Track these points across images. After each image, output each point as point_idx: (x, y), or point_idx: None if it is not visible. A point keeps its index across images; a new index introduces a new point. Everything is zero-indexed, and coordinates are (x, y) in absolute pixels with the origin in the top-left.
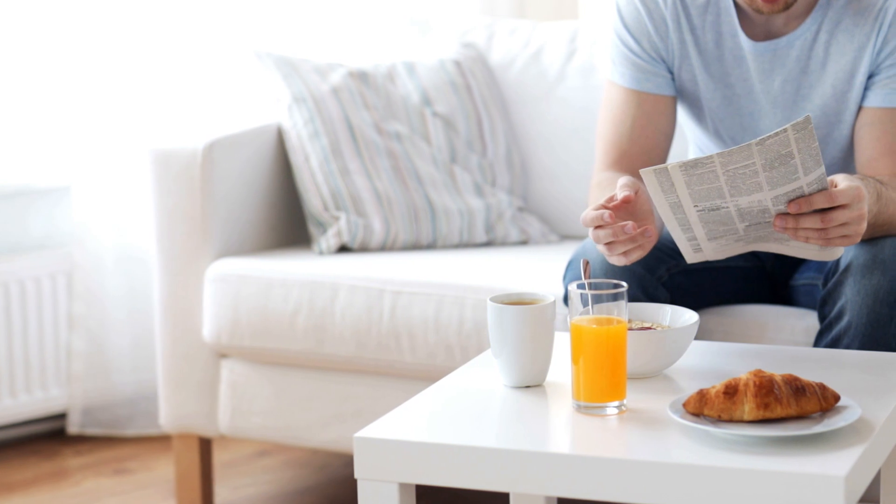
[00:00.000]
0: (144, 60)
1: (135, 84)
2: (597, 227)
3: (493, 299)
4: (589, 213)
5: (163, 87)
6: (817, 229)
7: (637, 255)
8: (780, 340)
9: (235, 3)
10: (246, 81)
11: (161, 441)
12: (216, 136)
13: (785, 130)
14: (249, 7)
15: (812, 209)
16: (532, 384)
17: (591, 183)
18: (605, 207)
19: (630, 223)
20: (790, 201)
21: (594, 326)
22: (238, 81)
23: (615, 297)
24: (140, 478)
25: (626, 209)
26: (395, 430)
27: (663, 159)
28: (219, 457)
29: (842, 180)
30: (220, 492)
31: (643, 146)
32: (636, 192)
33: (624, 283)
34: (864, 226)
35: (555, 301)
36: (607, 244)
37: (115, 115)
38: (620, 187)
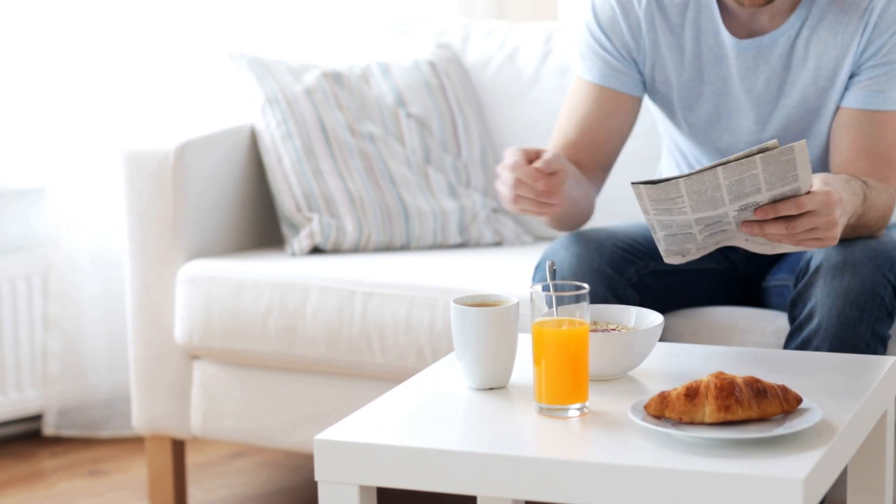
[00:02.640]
0: (119, 62)
1: (109, 85)
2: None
3: (457, 301)
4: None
5: (138, 89)
6: (784, 234)
7: (527, 207)
8: (750, 342)
9: (210, 3)
10: (220, 82)
11: (136, 442)
12: (188, 138)
13: (753, 160)
14: (225, 8)
15: (778, 216)
16: (495, 386)
17: None
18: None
19: (542, 183)
20: (757, 208)
21: (556, 328)
22: (212, 82)
23: (577, 299)
24: (115, 479)
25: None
26: (354, 432)
27: (611, 157)
28: (194, 458)
29: (816, 183)
30: (194, 493)
31: (591, 139)
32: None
33: (585, 285)
34: (838, 231)
35: (518, 303)
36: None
37: (90, 117)
38: (549, 160)
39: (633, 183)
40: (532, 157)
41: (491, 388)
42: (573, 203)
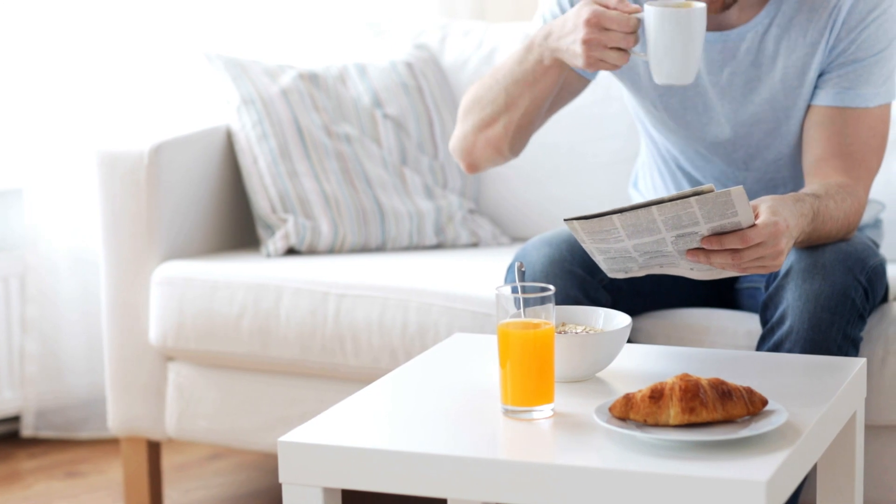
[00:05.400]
0: (96, 63)
1: (86, 86)
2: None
3: (649, 4)
4: None
5: (114, 90)
6: (730, 263)
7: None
8: (722, 344)
9: (187, 4)
10: (196, 83)
11: (114, 444)
12: (163, 138)
13: (688, 201)
14: (201, 8)
15: (724, 248)
16: (681, 82)
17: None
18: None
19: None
20: (703, 238)
21: (521, 330)
22: (188, 83)
23: (543, 301)
24: (91, 481)
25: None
26: (318, 434)
27: (531, 116)
28: (172, 459)
29: (764, 212)
30: (171, 494)
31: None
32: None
33: (551, 287)
34: (783, 258)
35: (705, 6)
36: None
37: (67, 118)
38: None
39: (565, 219)
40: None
41: (674, 84)
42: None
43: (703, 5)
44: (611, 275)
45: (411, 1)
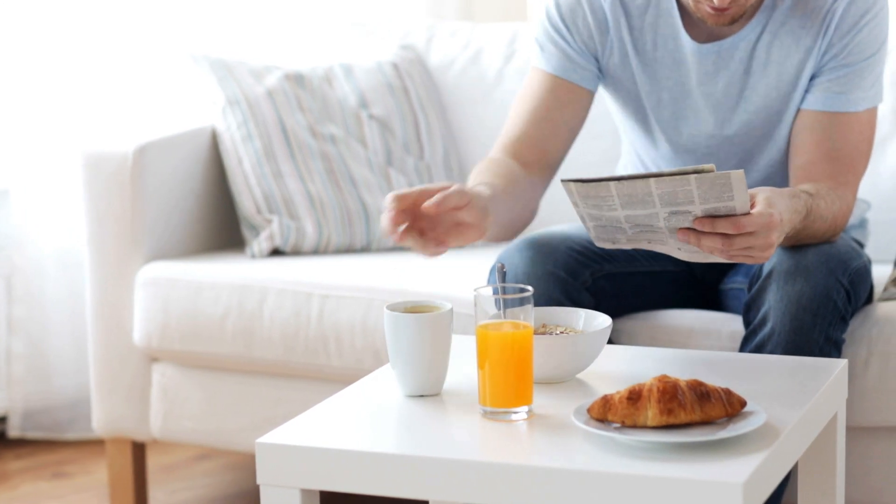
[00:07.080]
0: (81, 64)
1: (72, 87)
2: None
3: (390, 307)
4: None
5: (100, 91)
6: (719, 248)
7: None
8: (706, 346)
9: (172, 5)
10: (182, 84)
11: (101, 445)
12: (147, 139)
13: (687, 178)
14: (186, 9)
15: (715, 232)
16: (428, 393)
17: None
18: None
19: (400, 230)
20: (696, 218)
21: (500, 331)
22: (174, 84)
23: (521, 302)
24: (78, 482)
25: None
26: (296, 435)
27: (559, 153)
28: (158, 460)
29: (760, 202)
30: (156, 495)
31: (543, 132)
32: (462, 205)
33: (529, 287)
34: (772, 251)
35: (451, 309)
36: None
37: (53, 119)
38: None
39: (562, 180)
40: (426, 196)
41: (423, 396)
42: (503, 228)
43: (449, 307)
44: (598, 243)
45: (398, 1)
